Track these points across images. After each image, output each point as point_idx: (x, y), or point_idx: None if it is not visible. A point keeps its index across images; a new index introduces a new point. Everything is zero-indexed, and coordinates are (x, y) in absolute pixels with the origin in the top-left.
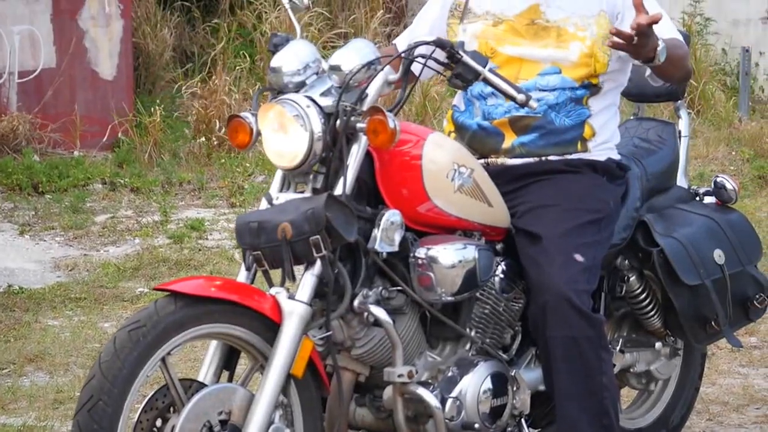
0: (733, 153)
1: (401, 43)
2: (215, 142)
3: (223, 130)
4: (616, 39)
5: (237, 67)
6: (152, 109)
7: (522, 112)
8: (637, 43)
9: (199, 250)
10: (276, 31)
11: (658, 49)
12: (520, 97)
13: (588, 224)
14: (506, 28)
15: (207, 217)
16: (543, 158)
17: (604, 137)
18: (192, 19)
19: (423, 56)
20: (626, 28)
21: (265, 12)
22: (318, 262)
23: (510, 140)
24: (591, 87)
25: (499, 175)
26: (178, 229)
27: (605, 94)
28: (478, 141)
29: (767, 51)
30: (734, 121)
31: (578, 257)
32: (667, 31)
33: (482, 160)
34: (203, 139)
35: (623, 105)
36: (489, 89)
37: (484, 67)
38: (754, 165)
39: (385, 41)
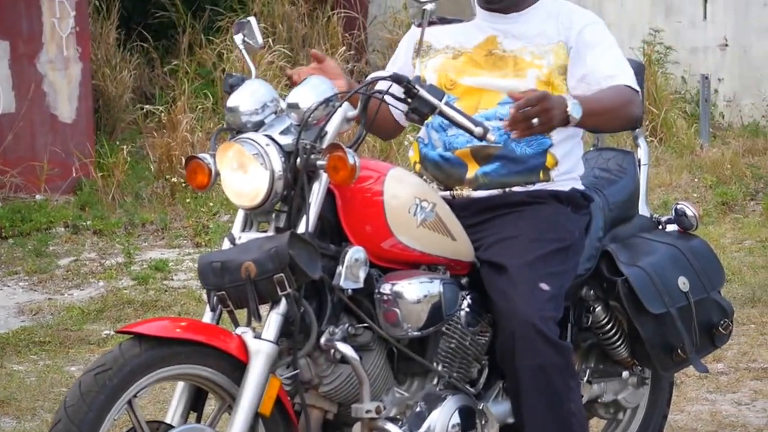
0: (696, 180)
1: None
2: (179, 182)
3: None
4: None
5: (198, 107)
6: (114, 150)
7: (483, 143)
8: (536, 121)
9: (165, 290)
10: (231, 72)
11: (569, 108)
12: (478, 130)
13: (553, 253)
14: (465, 59)
15: (171, 258)
16: (507, 189)
17: (567, 166)
18: (151, 60)
19: (380, 92)
20: (577, 62)
21: (226, 51)
22: (283, 301)
23: (473, 170)
24: None
25: (464, 207)
26: (143, 270)
27: None
28: (442, 172)
29: (726, 77)
30: (696, 148)
31: (544, 286)
32: (607, 68)
33: (447, 192)
34: (167, 178)
35: (585, 135)
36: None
37: (441, 100)
38: (717, 191)
39: (348, 77)
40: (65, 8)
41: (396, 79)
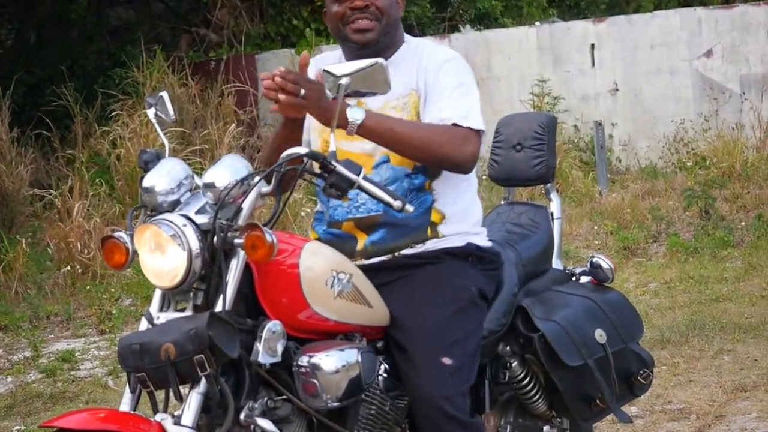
0: (597, 227)
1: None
2: (79, 271)
3: (86, 255)
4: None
5: (93, 194)
6: (13, 244)
7: (363, 214)
8: (303, 92)
9: (73, 381)
10: (146, 149)
11: (349, 114)
12: (397, 203)
13: (452, 318)
14: None
15: (78, 348)
16: (396, 254)
17: (457, 216)
18: (47, 153)
19: (296, 168)
20: (428, 109)
21: (119, 138)
22: (203, 381)
23: (362, 241)
24: (427, 170)
25: None
26: (50, 362)
27: (448, 173)
28: (334, 247)
29: (619, 122)
30: (595, 196)
31: (446, 360)
32: (443, 111)
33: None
34: (67, 268)
35: (494, 192)
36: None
37: (358, 175)
38: (619, 236)
39: (241, 152)
40: None
41: (312, 156)
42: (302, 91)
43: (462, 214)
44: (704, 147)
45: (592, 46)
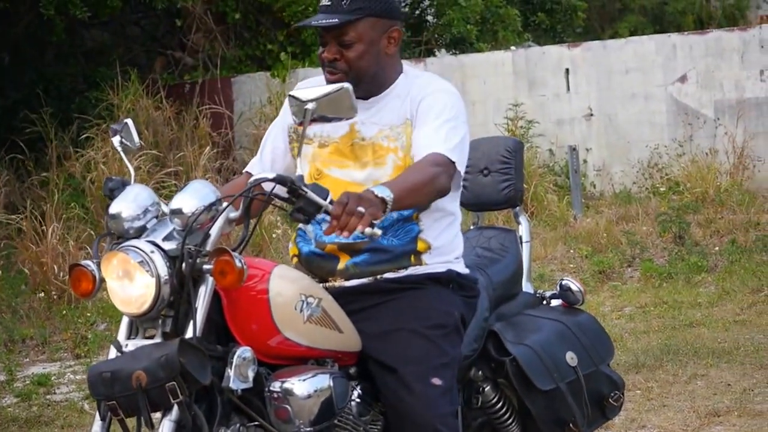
0: (572, 251)
1: (252, 169)
2: (54, 295)
3: (61, 279)
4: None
5: (68, 217)
6: None
7: (349, 240)
8: (361, 209)
9: (48, 405)
10: (111, 176)
11: (377, 192)
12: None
13: (439, 342)
14: (332, 149)
15: (53, 371)
16: (378, 277)
17: (441, 249)
18: (21, 175)
19: (263, 193)
20: (415, 135)
21: (92, 162)
22: (175, 408)
23: (344, 261)
24: None
25: (338, 297)
26: (25, 386)
27: (435, 205)
28: (314, 265)
29: (594, 147)
30: (569, 220)
31: (436, 381)
32: (425, 139)
33: (320, 285)
34: (42, 293)
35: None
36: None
37: (325, 199)
38: (593, 261)
39: (216, 176)
40: None
41: (280, 180)
42: (360, 209)
43: (446, 247)
44: (678, 172)
45: (567, 70)
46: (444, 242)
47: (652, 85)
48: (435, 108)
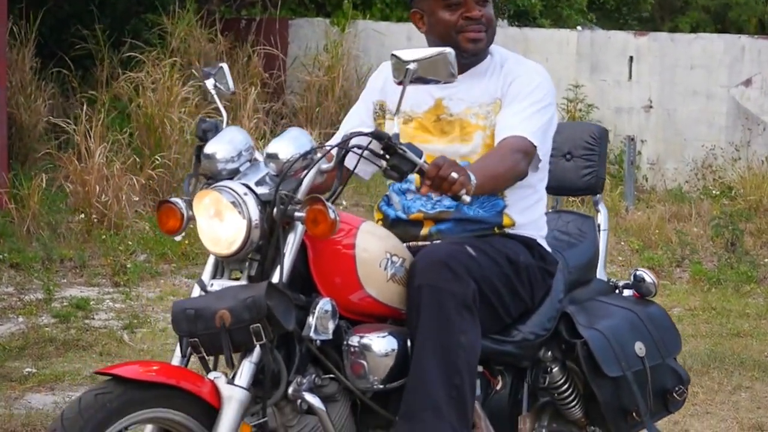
0: (622, 243)
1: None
2: (95, 218)
3: (103, 201)
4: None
5: (113, 140)
6: (28, 181)
7: (437, 210)
8: (455, 175)
9: (86, 330)
10: (206, 117)
11: (464, 178)
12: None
13: (499, 262)
14: (416, 125)
15: (92, 296)
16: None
17: (526, 226)
18: (66, 90)
19: (359, 147)
20: (504, 111)
21: (141, 87)
22: (257, 349)
23: (428, 227)
24: None
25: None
26: (63, 308)
27: (521, 183)
28: (399, 229)
29: (649, 140)
30: (621, 211)
31: (470, 249)
32: (507, 120)
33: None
34: (82, 215)
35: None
36: (406, 185)
37: (421, 158)
38: (644, 256)
39: (264, 117)
40: None
41: (377, 136)
42: (454, 174)
43: (531, 224)
44: (732, 177)
45: (631, 58)
46: (528, 220)
47: (715, 84)
48: (525, 89)
